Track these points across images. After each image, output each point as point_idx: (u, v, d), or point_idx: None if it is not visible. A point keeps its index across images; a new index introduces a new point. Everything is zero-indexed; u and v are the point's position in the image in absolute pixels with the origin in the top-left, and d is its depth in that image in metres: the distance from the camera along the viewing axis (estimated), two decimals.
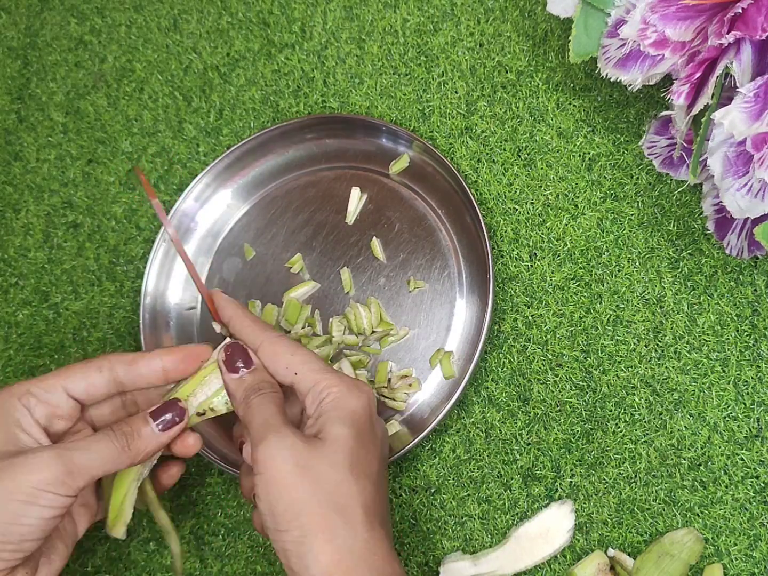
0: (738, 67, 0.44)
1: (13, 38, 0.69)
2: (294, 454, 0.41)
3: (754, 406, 0.51)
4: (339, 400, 0.43)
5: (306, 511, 0.40)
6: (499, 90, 0.60)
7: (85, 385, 0.45)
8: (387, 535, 0.42)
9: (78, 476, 0.40)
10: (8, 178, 0.66)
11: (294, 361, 0.45)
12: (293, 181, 0.61)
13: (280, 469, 0.40)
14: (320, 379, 0.44)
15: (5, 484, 0.39)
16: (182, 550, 0.48)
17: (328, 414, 0.43)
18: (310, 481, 0.40)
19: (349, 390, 0.44)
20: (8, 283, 0.63)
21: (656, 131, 0.54)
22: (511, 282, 0.56)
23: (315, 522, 0.39)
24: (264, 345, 0.46)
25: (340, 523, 0.40)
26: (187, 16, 0.67)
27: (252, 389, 0.44)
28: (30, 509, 0.39)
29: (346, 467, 0.41)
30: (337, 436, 0.42)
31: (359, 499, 0.41)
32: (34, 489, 0.39)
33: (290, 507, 0.40)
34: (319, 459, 0.41)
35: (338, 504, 0.40)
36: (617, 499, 0.51)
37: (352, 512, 0.40)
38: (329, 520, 0.40)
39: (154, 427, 0.44)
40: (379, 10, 0.63)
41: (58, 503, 0.40)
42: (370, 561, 0.40)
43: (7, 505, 0.38)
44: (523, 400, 0.54)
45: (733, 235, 0.49)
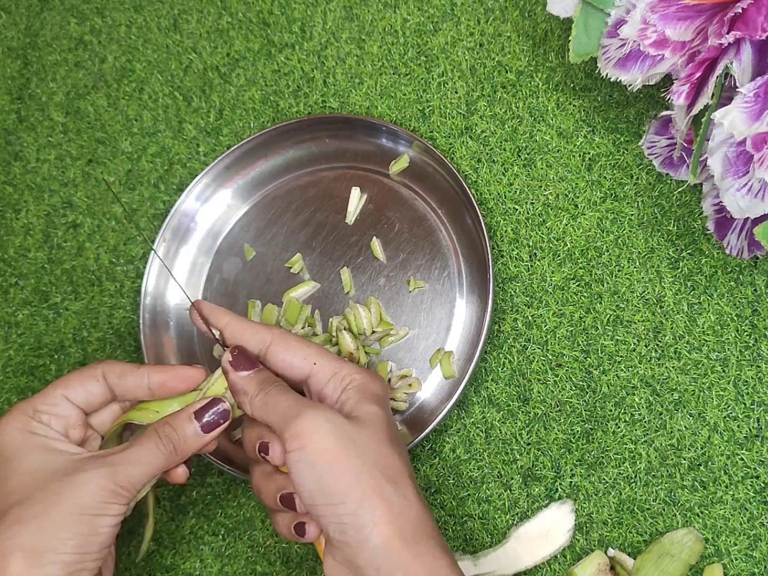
0: (738, 67, 0.44)
1: (13, 38, 0.69)
2: (337, 427, 0.40)
3: (754, 406, 0.51)
4: (365, 385, 0.43)
5: (360, 481, 0.39)
6: (499, 90, 0.60)
7: (85, 393, 0.45)
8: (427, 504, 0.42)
9: (132, 486, 0.42)
10: (8, 178, 0.66)
11: (310, 352, 0.45)
12: (293, 181, 0.61)
13: (326, 440, 0.40)
14: (340, 368, 0.44)
15: (76, 503, 0.40)
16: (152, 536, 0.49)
17: (357, 396, 0.43)
18: (358, 452, 0.40)
19: (371, 377, 0.44)
20: (8, 283, 0.63)
21: (656, 131, 0.54)
22: (511, 282, 0.56)
23: (371, 492, 0.39)
24: (276, 340, 0.45)
25: (395, 493, 0.40)
26: (187, 16, 0.67)
27: (267, 381, 0.44)
28: (103, 520, 0.41)
29: (387, 441, 0.41)
30: (374, 414, 0.42)
31: (406, 471, 0.41)
32: (101, 503, 0.41)
33: (343, 478, 0.39)
34: (362, 432, 0.41)
35: (389, 475, 0.40)
36: (617, 499, 0.51)
37: (403, 483, 0.40)
38: (384, 490, 0.39)
39: (197, 427, 0.44)
40: (379, 10, 0.63)
41: (120, 511, 0.42)
42: (426, 529, 0.40)
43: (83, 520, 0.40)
44: (523, 400, 0.54)
45: (733, 235, 0.49)
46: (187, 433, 0.44)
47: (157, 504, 0.56)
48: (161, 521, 0.56)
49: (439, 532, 0.41)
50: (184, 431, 0.44)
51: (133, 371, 0.46)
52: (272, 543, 0.54)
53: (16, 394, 0.60)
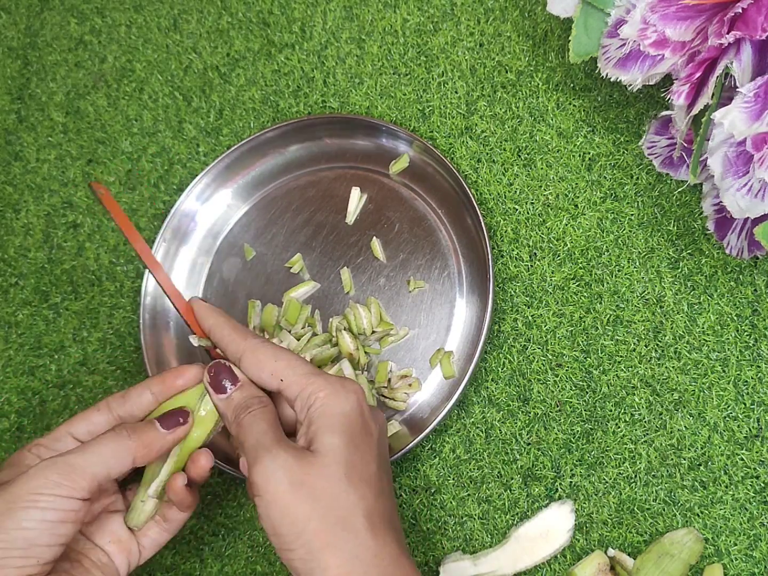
0: (738, 67, 0.44)
1: (13, 38, 0.69)
2: (288, 473, 0.40)
3: (754, 406, 0.51)
4: (327, 406, 0.43)
5: (308, 529, 0.40)
6: (499, 90, 0.60)
7: (86, 425, 0.46)
8: (395, 538, 0.42)
9: (78, 477, 0.41)
10: (8, 178, 0.66)
11: (278, 366, 0.44)
12: (293, 181, 0.61)
13: (277, 490, 0.40)
14: (306, 384, 0.43)
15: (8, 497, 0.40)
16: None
17: (317, 423, 0.42)
18: (307, 498, 0.40)
19: (336, 392, 0.43)
20: (8, 283, 0.63)
21: (656, 131, 0.54)
22: (511, 282, 0.56)
23: (319, 538, 0.40)
24: (246, 354, 0.45)
25: (344, 535, 0.40)
26: (187, 16, 0.67)
27: (241, 408, 0.44)
28: (31, 513, 0.40)
29: (341, 478, 0.41)
30: (329, 446, 0.42)
31: (359, 507, 0.41)
32: (31, 494, 0.40)
33: (292, 527, 0.40)
34: (314, 474, 0.41)
35: (339, 516, 0.40)
36: (617, 499, 0.51)
37: (354, 522, 0.40)
38: (332, 534, 0.40)
39: (159, 427, 0.45)
40: (379, 10, 0.63)
41: (60, 506, 0.40)
42: (380, 567, 0.40)
43: (10, 513, 0.40)
44: (523, 400, 0.54)
45: (733, 235, 0.49)
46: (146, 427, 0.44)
47: None
48: None
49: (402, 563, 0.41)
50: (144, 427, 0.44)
51: (135, 389, 0.47)
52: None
53: (16, 394, 0.60)
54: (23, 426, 0.59)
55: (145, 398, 0.47)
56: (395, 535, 0.42)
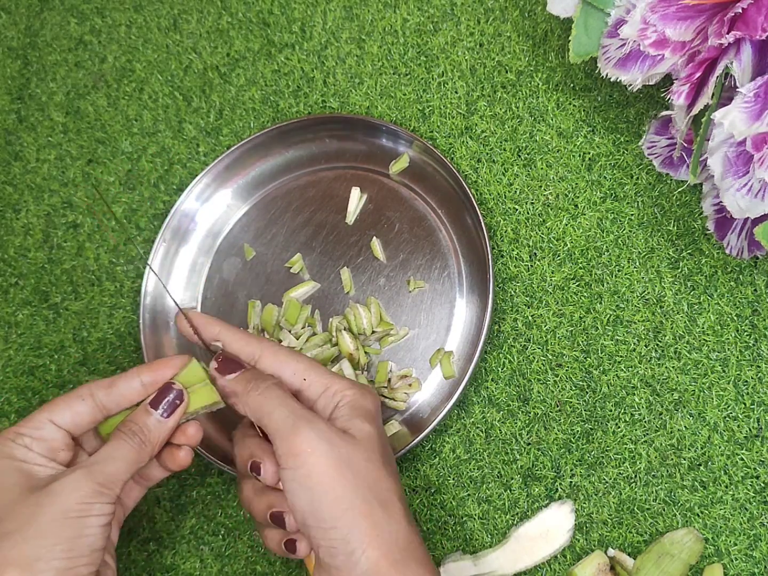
0: (738, 67, 0.44)
1: (13, 38, 0.69)
2: (334, 448, 0.40)
3: (754, 406, 0.51)
4: (356, 401, 0.43)
5: (352, 507, 0.39)
6: (499, 90, 0.60)
7: (70, 414, 0.44)
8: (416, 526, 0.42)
9: (113, 484, 0.42)
10: (8, 178, 0.66)
11: (300, 367, 0.45)
12: (293, 181, 0.61)
13: (322, 463, 0.40)
14: (331, 383, 0.44)
15: (57, 508, 0.40)
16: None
17: (350, 413, 0.43)
18: (353, 475, 0.40)
19: (363, 393, 0.44)
20: (8, 283, 0.63)
21: (656, 131, 0.54)
22: (511, 282, 0.56)
23: (362, 517, 0.39)
24: (266, 353, 0.45)
25: (385, 517, 0.40)
26: (187, 16, 0.67)
27: (257, 380, 0.43)
28: (89, 520, 0.40)
29: (380, 462, 0.41)
30: (368, 432, 0.42)
31: (397, 492, 0.41)
32: (81, 504, 0.40)
33: (336, 503, 0.39)
34: (356, 454, 0.41)
35: (380, 499, 0.40)
36: (617, 499, 0.51)
37: (393, 507, 0.41)
38: (375, 515, 0.40)
39: (157, 415, 0.44)
40: (379, 10, 0.63)
41: (106, 510, 0.41)
42: (414, 552, 0.40)
43: (67, 524, 0.40)
44: (523, 400, 0.54)
45: (733, 235, 0.49)
46: (148, 423, 0.44)
47: (156, 503, 0.56)
48: (161, 521, 0.56)
49: (426, 553, 0.41)
50: (145, 422, 0.44)
51: (122, 378, 0.45)
52: None
53: (16, 394, 0.60)
54: None
55: (133, 387, 0.45)
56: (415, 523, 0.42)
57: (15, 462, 0.42)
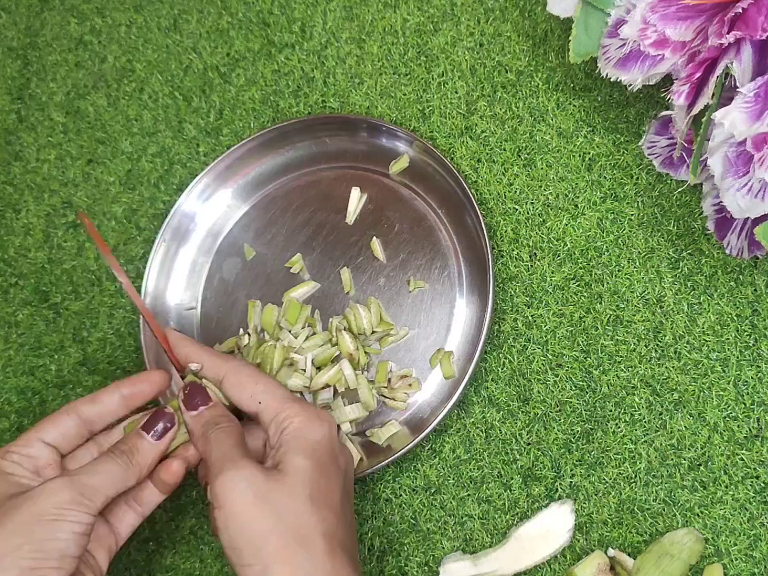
0: (738, 67, 0.44)
1: (13, 38, 0.69)
2: (252, 486, 0.41)
3: (754, 406, 0.51)
4: (300, 431, 0.44)
5: (267, 544, 0.40)
6: (499, 90, 0.60)
7: (56, 430, 0.46)
8: (351, 562, 0.42)
9: (93, 496, 0.42)
10: (8, 178, 0.66)
11: (257, 389, 0.46)
12: (293, 181, 0.61)
13: (239, 501, 0.40)
14: (282, 409, 0.44)
15: (32, 510, 0.40)
16: None
17: (288, 445, 0.43)
18: (269, 513, 0.40)
19: (311, 420, 0.44)
20: (8, 283, 0.63)
21: (656, 131, 0.54)
22: (511, 282, 0.56)
23: (277, 554, 0.40)
24: (228, 375, 0.47)
25: (302, 554, 0.40)
26: (187, 16, 0.67)
27: (210, 423, 0.45)
28: (61, 525, 0.40)
29: (305, 497, 0.41)
30: (297, 466, 0.42)
31: (320, 528, 0.41)
32: (57, 508, 0.40)
33: (251, 541, 0.40)
34: (279, 490, 0.41)
35: (299, 535, 0.40)
36: (617, 499, 0.51)
37: (313, 542, 0.41)
38: (291, 552, 0.40)
39: (150, 438, 0.46)
40: (379, 10, 0.63)
41: (83, 519, 0.41)
42: None
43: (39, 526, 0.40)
44: (523, 400, 0.54)
45: (733, 235, 0.49)
46: (138, 444, 0.45)
47: None
48: (161, 521, 0.56)
49: None
50: (135, 443, 0.45)
51: (103, 392, 0.47)
52: None
53: (16, 394, 0.60)
54: (23, 426, 0.59)
55: (114, 400, 0.47)
56: (350, 561, 0.42)
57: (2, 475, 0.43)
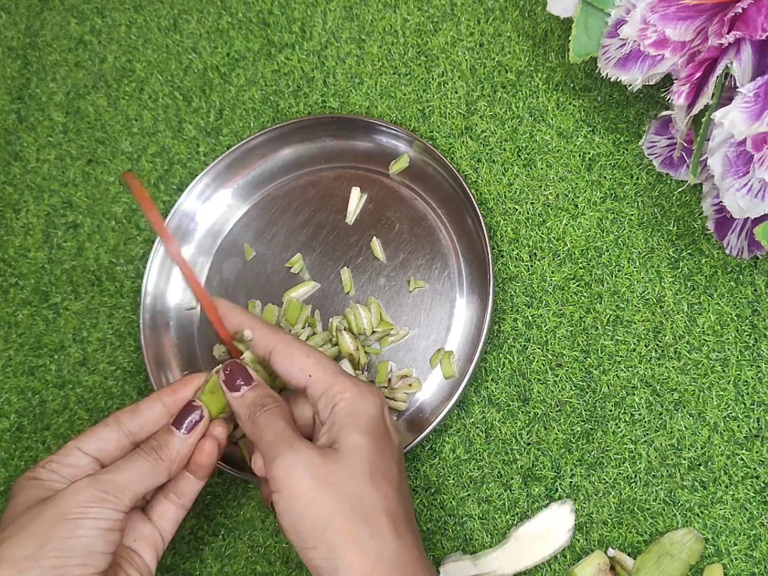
0: (738, 67, 0.44)
1: (13, 38, 0.69)
2: (311, 468, 0.40)
3: (754, 406, 0.51)
4: (352, 406, 0.43)
5: (331, 526, 0.39)
6: (499, 90, 0.60)
7: (96, 441, 0.45)
8: (415, 541, 0.42)
9: (119, 493, 0.42)
10: (8, 178, 0.66)
11: (308, 363, 0.45)
12: (293, 181, 0.61)
13: (299, 484, 0.40)
14: (333, 383, 0.44)
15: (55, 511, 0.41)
16: None
17: (342, 422, 0.42)
18: (331, 494, 0.40)
19: (362, 395, 0.44)
20: (8, 283, 0.63)
21: (656, 131, 0.54)
22: (511, 282, 0.56)
23: (342, 536, 0.39)
24: (278, 346, 0.46)
25: (367, 534, 0.40)
26: (187, 16, 0.67)
27: (255, 405, 0.44)
28: (84, 522, 0.40)
29: (366, 476, 0.41)
30: (354, 445, 0.41)
31: (382, 506, 0.41)
32: (79, 507, 0.41)
33: (315, 523, 0.39)
34: (338, 471, 0.40)
35: (362, 514, 0.40)
36: (617, 499, 0.51)
37: (378, 521, 0.40)
38: (356, 532, 0.39)
39: (179, 433, 0.45)
40: (379, 10, 0.63)
41: (109, 515, 0.41)
42: (401, 568, 0.40)
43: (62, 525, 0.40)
44: (523, 400, 0.54)
45: (733, 235, 0.49)
46: (169, 440, 0.45)
47: None
48: None
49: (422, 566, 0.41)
50: (166, 439, 0.45)
51: (144, 402, 0.47)
52: (272, 543, 0.54)
53: (16, 394, 0.60)
54: (23, 426, 0.59)
55: (156, 410, 0.47)
56: (415, 538, 0.42)
57: (39, 482, 0.43)
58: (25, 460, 0.58)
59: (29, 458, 0.58)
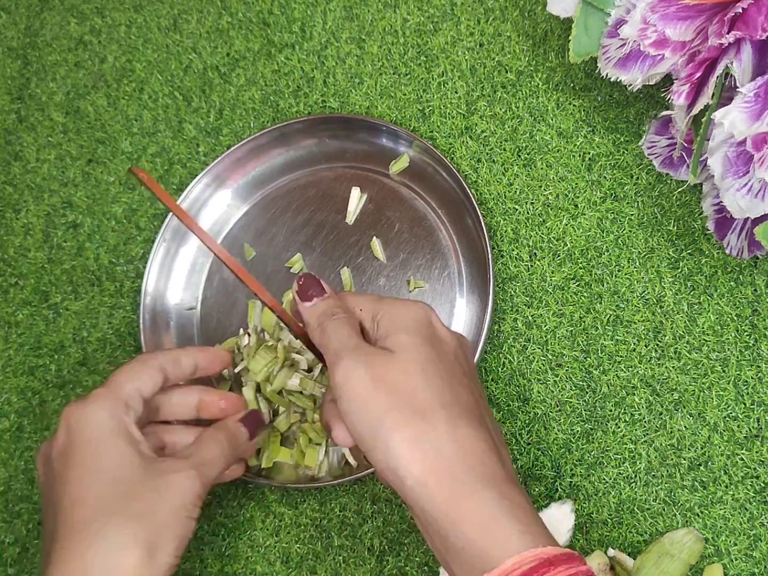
0: (738, 67, 0.44)
1: (13, 38, 0.69)
2: (369, 369, 0.40)
3: (754, 406, 0.51)
4: (395, 315, 0.43)
5: (384, 423, 0.39)
6: (499, 90, 0.60)
7: (152, 385, 0.47)
8: (481, 433, 0.40)
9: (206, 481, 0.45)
10: (8, 178, 0.66)
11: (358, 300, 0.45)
12: (293, 181, 0.61)
13: (357, 386, 0.40)
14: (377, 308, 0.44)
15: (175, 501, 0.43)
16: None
17: (387, 329, 0.43)
18: (386, 392, 0.39)
19: (404, 303, 0.44)
20: (8, 283, 0.63)
21: (656, 131, 0.54)
22: (511, 282, 0.56)
23: (397, 433, 0.38)
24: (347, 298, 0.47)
25: (423, 428, 0.39)
26: (187, 16, 0.67)
27: (326, 315, 0.44)
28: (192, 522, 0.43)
29: (419, 371, 0.40)
30: (404, 343, 0.41)
31: (438, 400, 0.40)
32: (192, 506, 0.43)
33: (369, 423, 0.39)
34: (393, 369, 0.40)
35: (419, 409, 0.39)
36: (617, 499, 0.51)
37: (433, 415, 0.39)
38: (410, 428, 0.39)
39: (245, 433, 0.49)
40: (379, 10, 0.63)
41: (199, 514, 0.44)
42: (462, 460, 0.38)
43: (180, 521, 0.43)
44: (523, 400, 0.54)
45: (733, 235, 0.49)
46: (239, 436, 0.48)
47: None
48: None
49: (489, 454, 0.39)
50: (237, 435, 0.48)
51: (184, 353, 0.50)
52: (272, 543, 0.54)
53: (16, 394, 0.60)
54: (23, 426, 0.59)
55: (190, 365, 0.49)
56: (481, 430, 0.40)
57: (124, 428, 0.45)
58: (25, 460, 0.58)
59: (29, 458, 0.58)
